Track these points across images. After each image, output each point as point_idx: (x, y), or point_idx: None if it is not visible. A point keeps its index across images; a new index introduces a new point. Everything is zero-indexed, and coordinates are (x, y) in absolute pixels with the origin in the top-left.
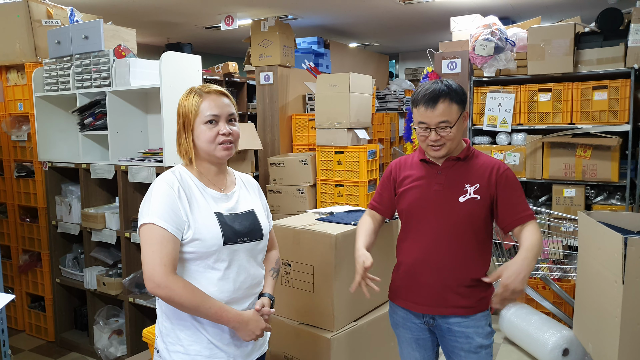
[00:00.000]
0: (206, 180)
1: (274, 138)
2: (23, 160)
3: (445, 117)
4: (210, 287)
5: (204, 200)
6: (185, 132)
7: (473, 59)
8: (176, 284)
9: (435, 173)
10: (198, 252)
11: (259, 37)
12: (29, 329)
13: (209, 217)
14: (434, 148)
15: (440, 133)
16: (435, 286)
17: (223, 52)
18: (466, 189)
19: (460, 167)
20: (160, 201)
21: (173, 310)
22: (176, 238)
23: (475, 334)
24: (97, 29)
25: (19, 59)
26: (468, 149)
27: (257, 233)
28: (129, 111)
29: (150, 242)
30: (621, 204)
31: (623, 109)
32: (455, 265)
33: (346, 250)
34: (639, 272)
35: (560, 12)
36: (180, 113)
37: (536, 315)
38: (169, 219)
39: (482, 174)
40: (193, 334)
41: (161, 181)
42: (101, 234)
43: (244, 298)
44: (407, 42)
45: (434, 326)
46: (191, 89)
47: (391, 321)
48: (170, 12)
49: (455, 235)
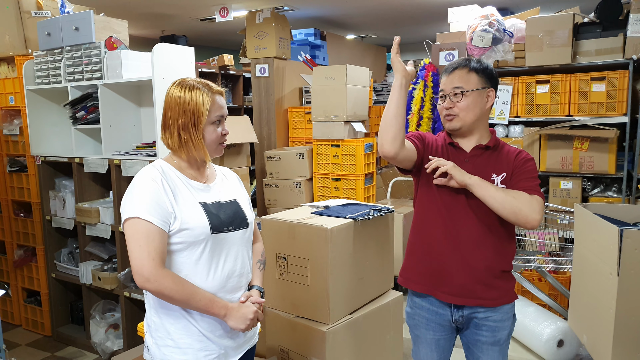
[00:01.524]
0: (188, 173)
1: (270, 131)
2: (15, 154)
3: (459, 83)
4: (199, 277)
5: (188, 191)
6: (195, 128)
7: (471, 50)
8: (165, 277)
9: (462, 161)
10: (186, 242)
11: (254, 29)
12: (26, 323)
13: (195, 207)
14: (448, 118)
15: (453, 100)
16: (464, 277)
17: (218, 45)
18: (493, 179)
19: (489, 156)
20: (144, 194)
21: (161, 304)
22: (163, 231)
23: (501, 328)
24: (87, 20)
25: (9, 51)
26: (497, 138)
27: (242, 222)
28: (121, 104)
29: (137, 237)
30: (618, 196)
31: (621, 100)
32: (485, 256)
33: (342, 243)
34: (634, 264)
35: (559, 2)
36: (189, 107)
37: (532, 307)
38: (154, 212)
39: (508, 162)
40: (183, 327)
41: (144, 174)
42: (96, 228)
43: (233, 288)
44: (405, 34)
45: (458, 320)
46: (197, 83)
47: (410, 322)
48: (164, 3)
49: (485, 225)
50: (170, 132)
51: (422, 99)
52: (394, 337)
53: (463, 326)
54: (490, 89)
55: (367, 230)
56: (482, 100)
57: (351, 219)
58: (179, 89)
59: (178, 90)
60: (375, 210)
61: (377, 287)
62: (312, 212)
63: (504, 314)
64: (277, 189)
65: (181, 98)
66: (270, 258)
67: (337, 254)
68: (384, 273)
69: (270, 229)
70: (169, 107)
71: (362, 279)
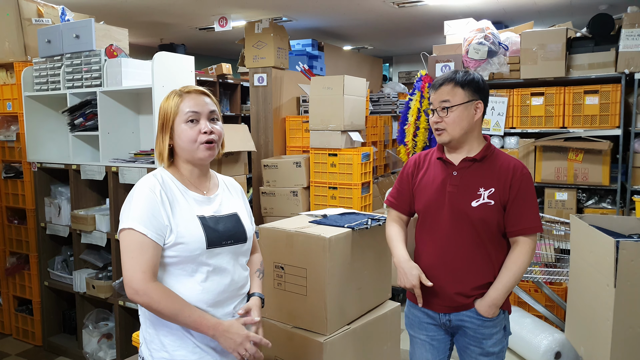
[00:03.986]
0: (188, 183)
1: (267, 140)
2: (11, 160)
3: (445, 97)
4: (193, 290)
5: (187, 203)
6: (162, 133)
7: (466, 62)
8: (155, 291)
9: (450, 173)
10: (181, 256)
11: (253, 39)
12: (16, 333)
13: (192, 221)
14: (437, 132)
15: (439, 114)
16: (450, 289)
17: (217, 54)
18: (480, 193)
19: (477, 168)
20: (141, 206)
21: (156, 316)
22: (157, 244)
23: (488, 336)
24: (88, 28)
25: (8, 58)
26: (487, 148)
27: (240, 236)
28: (120, 112)
29: (130, 248)
30: (612, 208)
31: (614, 113)
32: (469, 269)
33: (340, 253)
34: (630, 275)
35: (552, 17)
36: (160, 114)
37: (528, 318)
38: (149, 225)
39: (499, 176)
40: (178, 339)
41: (143, 185)
42: (91, 236)
43: (229, 300)
44: (401, 46)
45: (450, 327)
46: (173, 91)
47: (406, 322)
48: (163, 12)
49: (469, 239)
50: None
51: (418, 109)
52: (392, 348)
53: (453, 330)
54: (478, 101)
55: (365, 240)
56: (469, 113)
57: (349, 228)
58: (161, 102)
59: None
60: (373, 220)
61: (374, 298)
62: (310, 221)
63: (491, 323)
64: (274, 197)
65: (160, 108)
66: (267, 267)
67: (335, 264)
68: (381, 283)
69: (267, 237)
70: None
71: (360, 289)
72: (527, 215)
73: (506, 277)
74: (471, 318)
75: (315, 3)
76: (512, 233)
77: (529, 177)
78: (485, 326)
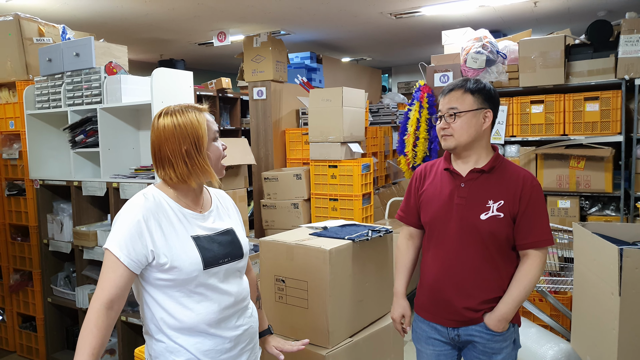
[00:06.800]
0: (182, 202)
1: (267, 153)
2: (14, 178)
3: (454, 104)
4: (195, 310)
5: (180, 224)
6: (198, 151)
7: (465, 72)
8: (98, 318)
9: (458, 185)
10: (177, 280)
11: (251, 53)
12: (20, 349)
13: (186, 243)
14: (443, 138)
15: (447, 120)
16: (458, 304)
17: (216, 68)
18: (489, 206)
19: (485, 180)
20: (123, 229)
21: (161, 332)
22: (128, 271)
23: (498, 351)
24: (88, 46)
25: (10, 77)
26: (495, 159)
27: (237, 252)
28: (120, 128)
29: (105, 269)
30: (616, 215)
31: (615, 119)
32: (477, 283)
33: (341, 265)
34: (635, 283)
35: (550, 24)
36: (188, 132)
37: (533, 328)
38: (125, 250)
39: (508, 188)
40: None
41: (131, 206)
42: (93, 252)
43: (231, 316)
44: (400, 56)
45: (459, 342)
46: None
47: (413, 336)
48: (162, 29)
49: (477, 253)
50: (173, 165)
51: (417, 119)
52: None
53: (462, 345)
54: (487, 109)
55: (366, 252)
56: (477, 121)
57: (350, 240)
58: (169, 118)
59: (169, 119)
60: (374, 231)
61: (376, 310)
62: (311, 233)
63: (501, 337)
64: (275, 209)
65: (176, 126)
66: (268, 281)
67: (336, 276)
68: (383, 295)
69: (268, 250)
70: (163, 139)
71: (362, 301)
72: (537, 227)
73: (516, 291)
74: (480, 332)
75: (313, 16)
76: (522, 246)
77: (539, 189)
78: (495, 340)
